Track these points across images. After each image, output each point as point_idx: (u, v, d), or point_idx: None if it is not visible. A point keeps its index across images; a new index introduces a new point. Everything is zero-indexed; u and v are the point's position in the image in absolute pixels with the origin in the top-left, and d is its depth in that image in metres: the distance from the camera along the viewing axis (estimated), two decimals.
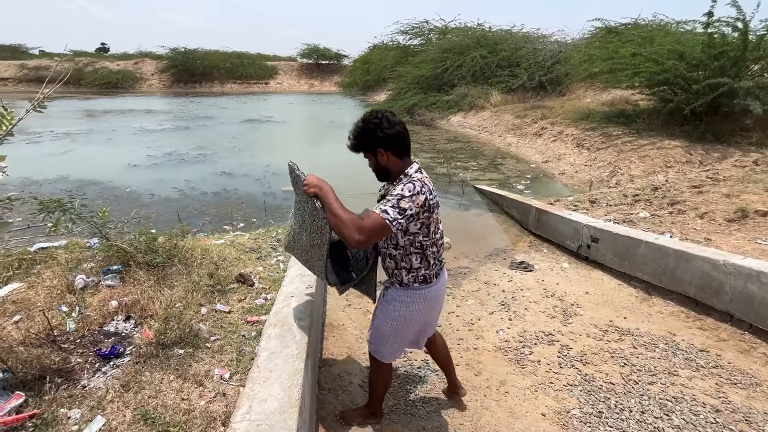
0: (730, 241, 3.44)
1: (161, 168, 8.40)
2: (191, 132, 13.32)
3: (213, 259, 2.86)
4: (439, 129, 13.55)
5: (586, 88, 12.36)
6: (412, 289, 1.69)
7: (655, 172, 6.43)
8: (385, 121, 1.58)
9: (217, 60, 33.99)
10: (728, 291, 2.74)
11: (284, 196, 6.61)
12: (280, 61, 37.85)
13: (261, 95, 29.07)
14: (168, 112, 19.05)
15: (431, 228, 1.61)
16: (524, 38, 16.53)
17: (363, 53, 30.82)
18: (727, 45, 6.51)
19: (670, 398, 2.16)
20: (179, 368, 1.71)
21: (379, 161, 1.63)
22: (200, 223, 5.39)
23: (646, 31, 10.45)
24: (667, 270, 3.16)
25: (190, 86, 32.75)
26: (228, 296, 2.45)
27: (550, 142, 9.25)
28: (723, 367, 2.40)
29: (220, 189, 6.96)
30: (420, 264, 1.66)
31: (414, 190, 1.50)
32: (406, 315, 1.73)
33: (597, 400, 2.17)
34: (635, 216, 4.38)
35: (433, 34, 22.69)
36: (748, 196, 4.11)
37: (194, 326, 2.02)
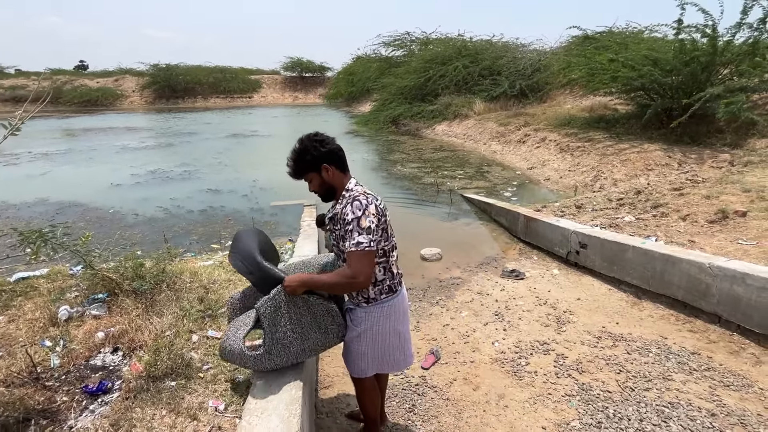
0: (713, 243, 3.53)
1: (145, 187, 8.26)
2: (175, 149, 13.15)
3: (202, 283, 2.81)
4: (425, 138, 13.68)
5: (566, 94, 12.67)
6: (380, 303, 1.67)
7: (636, 176, 6.59)
8: (323, 139, 1.64)
9: (199, 75, 33.83)
10: (715, 293, 2.81)
11: (272, 212, 6.55)
12: (264, 75, 37.87)
13: (245, 109, 28.97)
14: (150, 129, 18.81)
15: (388, 231, 1.63)
16: (504, 47, 16.90)
17: (346, 65, 31.05)
18: (698, 50, 6.77)
19: (667, 404, 2.18)
20: (171, 402, 1.66)
21: (324, 178, 1.64)
22: (187, 242, 5.29)
23: (620, 38, 10.80)
24: (655, 274, 3.22)
25: (172, 102, 32.46)
26: (219, 321, 2.39)
27: (534, 149, 9.42)
28: (715, 370, 2.43)
29: (207, 206, 6.86)
30: (384, 275, 1.65)
31: (363, 206, 1.52)
32: (379, 329, 1.70)
33: (595, 409, 2.17)
34: (621, 220, 4.47)
35: (415, 45, 23.03)
36: (726, 197, 4.24)
37: (185, 355, 1.97)
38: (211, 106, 31.57)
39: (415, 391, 2.42)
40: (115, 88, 33.28)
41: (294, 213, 6.31)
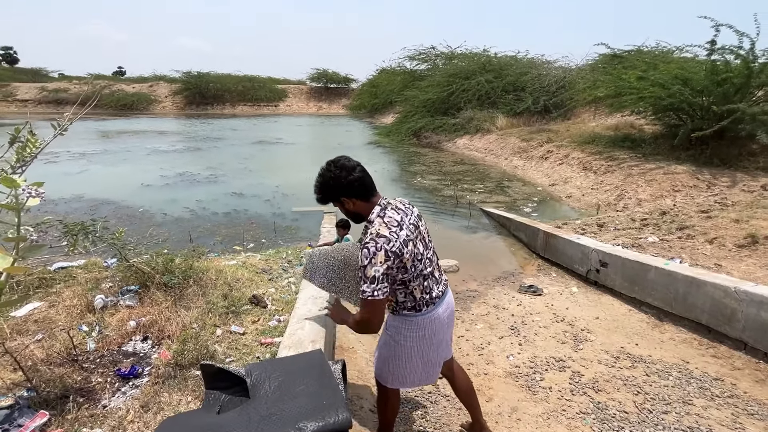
0: (741, 267, 3.43)
1: (173, 188, 8.60)
2: (203, 153, 13.65)
3: (227, 280, 2.92)
4: (446, 151, 13.74)
5: (591, 112, 12.53)
6: (402, 316, 1.69)
7: (662, 197, 6.45)
8: (341, 170, 1.58)
9: (228, 83, 35.09)
10: (741, 318, 2.73)
11: (293, 217, 6.71)
12: (290, 85, 38.95)
13: (271, 117, 29.80)
14: (180, 133, 19.58)
15: (408, 265, 1.56)
16: (529, 63, 16.91)
17: (371, 77, 31.63)
18: (731, 72, 6.63)
19: (686, 428, 2.13)
20: (197, 390, 1.74)
21: (347, 208, 1.64)
22: (211, 242, 5.48)
23: (649, 57, 10.66)
24: (678, 296, 3.15)
25: (202, 108, 33.73)
26: (242, 318, 2.49)
27: (557, 165, 9.33)
28: (739, 397, 2.36)
29: (231, 209, 7.09)
30: (405, 298, 1.65)
31: (370, 254, 1.46)
32: (400, 341, 1.71)
33: (611, 429, 2.14)
34: (644, 240, 4.39)
35: (439, 59, 23.28)
36: (757, 222, 4.11)
37: (210, 347, 2.06)
38: (238, 113, 32.61)
39: (428, 399, 2.44)
40: (149, 93, 34.86)
41: (314, 219, 6.46)
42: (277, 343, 2.17)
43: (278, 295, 2.92)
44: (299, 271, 3.70)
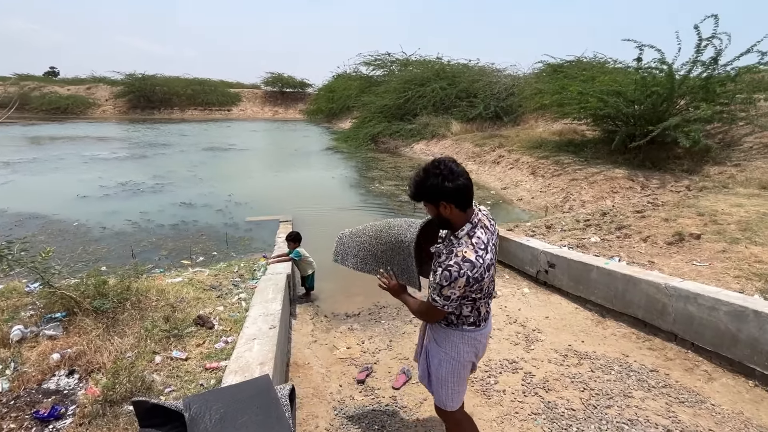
0: (671, 263, 3.73)
1: (114, 199, 7.99)
2: (148, 160, 12.83)
3: (169, 301, 2.73)
4: (404, 156, 13.89)
5: (538, 118, 13.23)
6: (461, 330, 1.66)
7: (603, 198, 6.90)
8: (448, 173, 1.47)
9: (177, 86, 33.39)
10: (671, 312, 2.95)
11: (247, 227, 6.45)
12: (244, 89, 37.77)
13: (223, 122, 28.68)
14: (123, 139, 18.31)
15: (484, 287, 1.56)
16: (480, 71, 17.57)
17: (327, 82, 31.42)
18: (657, 85, 7.26)
19: (626, 421, 2.25)
20: (129, 428, 1.59)
21: (441, 213, 1.53)
22: (156, 258, 5.13)
23: (588, 68, 11.45)
24: (617, 293, 3.36)
25: (147, 112, 31.81)
26: (185, 341, 2.33)
27: (508, 170, 9.73)
28: (671, 387, 2.54)
29: (179, 221, 6.70)
30: (470, 313, 1.64)
31: (451, 278, 1.44)
32: (458, 357, 1.68)
33: (560, 428, 2.22)
34: (587, 241, 4.65)
35: (395, 65, 23.61)
36: (683, 220, 4.50)
37: (147, 378, 1.90)
38: (188, 118, 31.08)
39: (385, 411, 2.40)
40: (86, 96, 32.36)
41: (269, 229, 6.25)
42: (224, 368, 2.05)
43: (227, 314, 2.77)
44: (251, 286, 3.54)
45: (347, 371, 2.83)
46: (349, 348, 3.15)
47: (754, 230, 3.93)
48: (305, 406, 2.45)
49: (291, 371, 2.79)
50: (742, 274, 3.27)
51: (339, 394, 2.58)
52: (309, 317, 3.67)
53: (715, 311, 2.67)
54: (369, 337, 3.30)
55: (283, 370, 2.52)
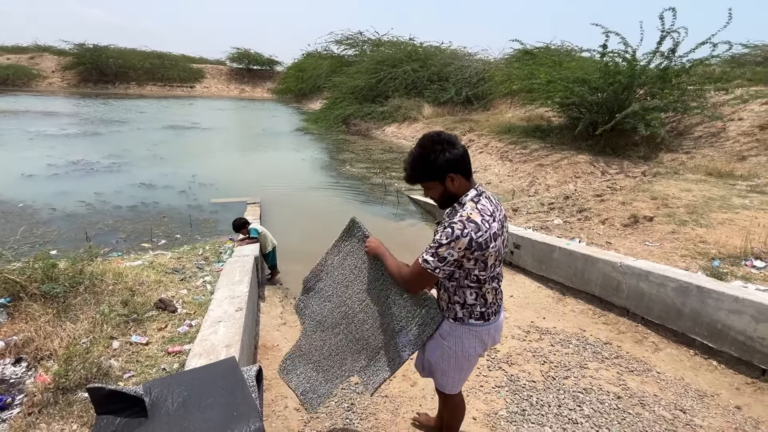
0: (626, 244, 3.95)
1: (64, 179, 7.45)
2: (102, 138, 12.01)
3: (128, 285, 2.60)
4: (375, 139, 13.77)
5: (508, 103, 13.44)
6: (467, 325, 1.52)
7: (566, 182, 7.17)
8: (447, 143, 1.39)
9: (133, 59, 31.20)
10: (625, 289, 3.14)
11: (212, 209, 6.23)
12: (208, 65, 35.84)
13: (185, 99, 27.20)
14: (73, 114, 16.99)
15: (488, 262, 1.42)
16: (452, 55, 17.53)
17: (297, 61, 30.38)
18: (619, 73, 7.52)
19: (582, 390, 2.40)
20: (84, 415, 1.52)
21: (447, 188, 1.42)
22: (113, 241, 4.87)
23: (556, 55, 11.68)
24: (577, 272, 3.54)
25: (101, 86, 29.61)
26: (146, 325, 2.24)
27: (478, 154, 9.88)
28: (622, 357, 2.73)
29: (138, 202, 6.36)
30: (475, 300, 1.48)
31: (453, 236, 1.33)
32: (461, 352, 1.56)
33: (521, 398, 2.34)
34: (551, 223, 4.83)
35: (367, 45, 23.11)
36: (638, 204, 4.75)
37: (103, 363, 1.81)
38: (146, 94, 29.24)
39: (354, 390, 2.43)
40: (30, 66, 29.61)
41: (236, 211, 6.05)
42: (187, 351, 1.98)
43: (190, 297, 2.68)
44: (217, 269, 3.44)
45: None
46: None
47: (700, 213, 4.22)
48: (274, 387, 2.44)
49: (259, 354, 2.76)
50: (688, 253, 3.51)
51: None
52: (278, 300, 3.62)
53: (664, 287, 2.86)
54: None
55: (250, 353, 2.48)
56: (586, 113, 8.36)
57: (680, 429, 2.11)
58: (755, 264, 3.13)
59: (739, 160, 6.65)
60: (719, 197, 4.63)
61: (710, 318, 2.62)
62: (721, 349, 2.59)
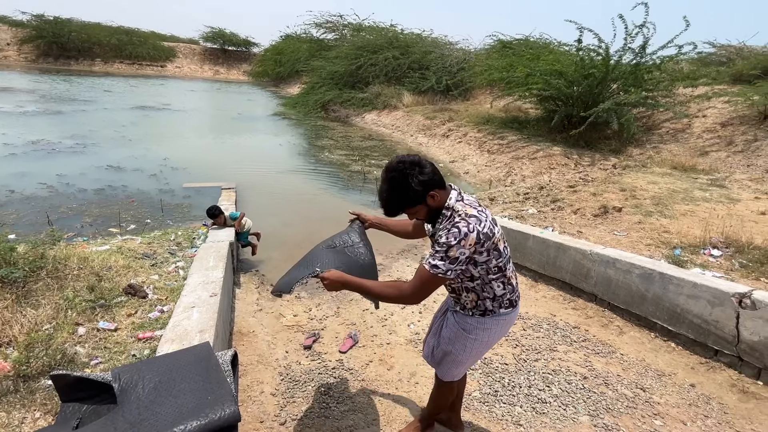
0: (596, 233, 4.10)
1: (23, 159, 7.01)
2: (65, 117, 11.33)
3: (94, 270, 2.49)
4: (354, 126, 13.62)
5: (487, 94, 13.54)
6: (497, 315, 1.53)
7: (541, 173, 7.34)
8: (417, 166, 1.40)
9: (99, 34, 29.40)
10: (593, 276, 3.27)
11: (185, 194, 6.02)
12: (180, 43, 34.24)
13: (156, 79, 25.96)
14: (32, 91, 15.93)
15: (500, 246, 1.44)
16: (433, 43, 17.43)
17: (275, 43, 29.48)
18: (594, 67, 7.71)
19: (551, 371, 2.50)
20: (48, 403, 1.46)
21: (430, 206, 1.43)
22: (78, 225, 4.65)
23: (534, 48, 11.82)
24: (549, 260, 3.65)
25: (62, 62, 27.81)
26: (114, 311, 2.16)
27: (456, 144, 9.95)
28: (589, 340, 2.86)
29: (105, 185, 6.07)
30: (504, 289, 1.50)
31: (461, 235, 1.34)
32: (486, 340, 1.58)
33: (493, 380, 2.41)
34: (525, 212, 4.95)
35: (347, 30, 22.65)
36: (608, 195, 4.93)
37: (68, 350, 1.74)
38: (113, 72, 27.72)
39: (331, 375, 2.44)
40: None
41: (210, 196, 5.88)
42: (159, 337, 1.93)
43: (162, 283, 2.60)
44: (191, 254, 3.34)
45: (294, 338, 2.83)
46: (296, 315, 3.13)
47: (665, 204, 4.43)
48: (250, 372, 2.42)
49: (235, 340, 2.72)
50: (652, 242, 3.69)
51: (285, 360, 2.57)
52: (254, 286, 3.57)
53: (629, 274, 3.00)
54: (317, 305, 3.30)
55: (225, 339, 2.44)
56: (561, 106, 8.54)
57: (640, 406, 2.23)
58: (713, 253, 3.32)
59: (701, 155, 6.99)
60: (682, 190, 4.86)
61: (671, 303, 2.77)
62: (679, 331, 2.75)
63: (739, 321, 2.44)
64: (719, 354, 2.57)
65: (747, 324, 2.41)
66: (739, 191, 4.90)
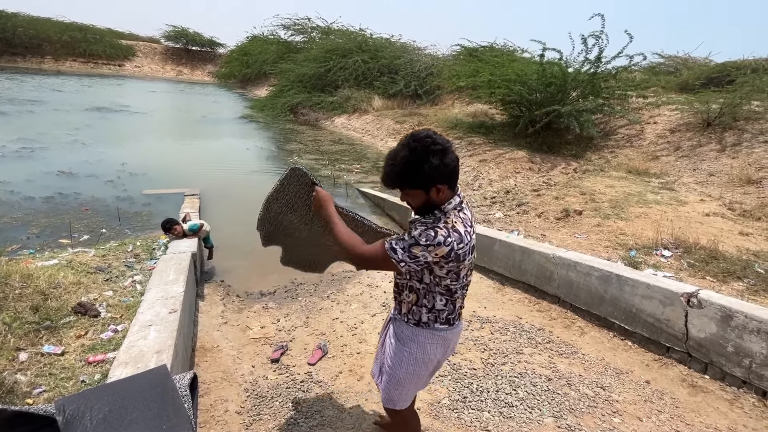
0: (558, 236, 4.26)
1: None
2: (9, 119, 10.54)
3: (39, 287, 2.32)
4: (324, 130, 13.51)
5: (454, 99, 13.82)
6: (431, 329, 1.47)
7: (507, 177, 7.55)
8: (442, 149, 1.27)
9: (49, 30, 27.59)
10: (556, 278, 3.39)
11: (145, 201, 5.74)
12: (139, 41, 32.73)
13: (113, 79, 24.69)
14: None
15: (461, 273, 1.39)
16: (402, 48, 17.60)
17: (241, 44, 28.78)
18: (554, 77, 8.05)
19: (517, 374, 2.56)
20: None
21: (431, 198, 1.32)
22: (23, 236, 4.32)
23: (499, 55, 12.20)
24: (515, 263, 3.75)
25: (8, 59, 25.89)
26: (61, 333, 2.01)
27: None
28: (553, 342, 2.95)
29: (54, 192, 5.68)
30: (444, 306, 1.45)
31: (433, 241, 1.26)
32: (422, 358, 1.50)
33: (462, 386, 2.44)
34: (492, 216, 5.07)
35: (315, 32, 22.47)
36: (570, 199, 5.14)
37: (7, 379, 1.60)
38: (65, 70, 26.09)
39: (300, 388, 2.39)
40: None
41: (172, 202, 5.64)
42: (111, 360, 1.81)
43: (117, 299, 2.45)
44: (149, 267, 3.18)
45: (261, 351, 2.74)
46: (263, 327, 3.04)
47: (621, 207, 4.67)
48: (213, 391, 2.32)
49: (198, 356, 2.61)
50: (610, 244, 3.87)
51: (251, 375, 2.49)
52: (219, 298, 3.44)
53: (589, 276, 3.13)
54: (285, 315, 3.22)
55: (186, 357, 2.33)
56: (525, 111, 8.85)
57: (600, 404, 2.33)
58: (663, 253, 3.53)
59: (653, 159, 7.43)
60: (637, 193, 5.14)
61: (627, 303, 2.91)
62: (635, 330, 2.90)
63: (688, 319, 2.60)
64: (671, 351, 2.72)
65: (695, 322, 2.57)
66: (686, 194, 5.24)
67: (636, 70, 8.99)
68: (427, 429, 2.11)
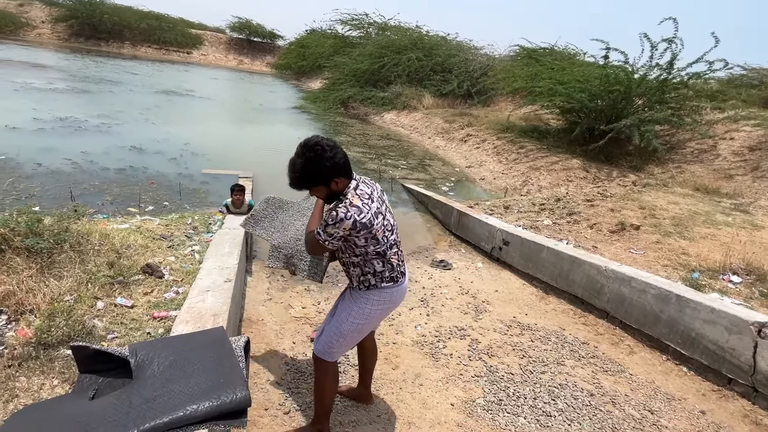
0: (611, 250, 4.04)
1: (51, 135, 7.21)
2: (92, 96, 11.62)
3: (114, 247, 2.56)
4: (373, 125, 13.65)
5: (508, 101, 13.43)
6: (379, 289, 1.73)
7: (558, 185, 7.25)
8: (330, 150, 1.57)
9: (130, 17, 29.98)
10: (607, 292, 3.23)
11: (203, 180, 6.12)
12: (207, 31, 34.71)
13: (181, 65, 26.41)
14: (63, 69, 16.35)
15: (379, 236, 1.65)
16: (458, 47, 17.34)
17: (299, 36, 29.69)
18: (619, 83, 7.59)
19: (557, 385, 2.48)
20: (66, 372, 1.50)
21: (332, 189, 1.63)
22: (99, 202, 4.76)
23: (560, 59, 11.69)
24: (562, 272, 3.61)
25: (93, 43, 28.44)
26: (132, 289, 2.21)
27: (474, 149, 9.89)
28: (598, 357, 2.82)
29: (126, 165, 6.21)
30: (383, 267, 1.71)
31: (337, 218, 1.55)
32: (370, 313, 1.76)
33: (498, 389, 2.40)
34: (540, 223, 4.90)
35: (372, 28, 22.69)
36: (626, 212, 4.85)
37: (87, 322, 1.79)
38: (140, 56, 28.27)
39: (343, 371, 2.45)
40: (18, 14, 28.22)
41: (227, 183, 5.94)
42: (173, 317, 1.97)
43: (178, 265, 2.65)
44: (207, 239, 3.40)
45: (301, 330, 2.85)
46: (305, 308, 3.15)
47: (685, 226, 4.33)
48: (257, 360, 2.45)
49: (244, 327, 2.76)
50: (670, 263, 3.61)
51: (292, 351, 2.60)
52: (265, 275, 3.61)
53: (644, 294, 2.94)
54: (325, 299, 3.32)
55: (236, 325, 2.48)
56: (584, 118, 8.43)
57: (647, 428, 2.20)
58: (732, 279, 3.24)
59: (726, 178, 6.81)
60: (704, 212, 4.75)
61: (685, 326, 2.71)
62: (692, 356, 2.69)
63: (757, 351, 2.38)
64: (733, 383, 2.51)
65: (765, 354, 2.35)
66: (763, 218, 4.76)
67: (712, 79, 8.27)
68: (461, 425, 2.11)
